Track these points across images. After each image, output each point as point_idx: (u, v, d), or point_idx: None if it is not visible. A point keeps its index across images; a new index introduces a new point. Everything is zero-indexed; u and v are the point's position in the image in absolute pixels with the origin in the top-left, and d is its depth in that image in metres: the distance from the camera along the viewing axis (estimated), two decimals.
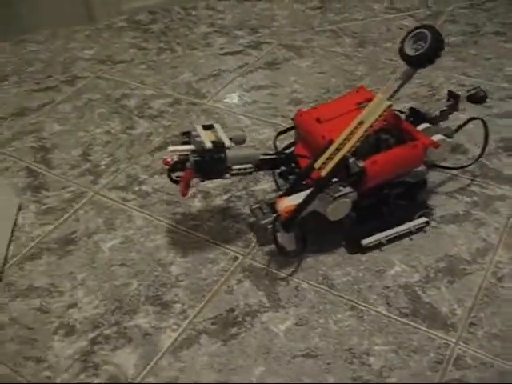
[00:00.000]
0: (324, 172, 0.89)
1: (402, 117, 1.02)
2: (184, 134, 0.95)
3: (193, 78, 1.50)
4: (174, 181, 0.95)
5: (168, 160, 0.92)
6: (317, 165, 0.90)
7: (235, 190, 1.13)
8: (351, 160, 0.89)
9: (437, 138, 0.97)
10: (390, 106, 0.90)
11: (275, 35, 1.67)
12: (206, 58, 1.59)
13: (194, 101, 1.41)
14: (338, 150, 0.89)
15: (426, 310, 0.88)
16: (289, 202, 0.89)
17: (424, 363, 0.81)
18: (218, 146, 0.90)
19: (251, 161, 0.94)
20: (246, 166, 0.93)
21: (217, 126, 0.95)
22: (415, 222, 0.99)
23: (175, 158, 0.92)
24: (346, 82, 1.43)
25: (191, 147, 0.91)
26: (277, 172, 1.06)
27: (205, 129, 0.93)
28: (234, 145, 0.92)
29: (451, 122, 1.08)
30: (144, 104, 1.41)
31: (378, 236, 0.97)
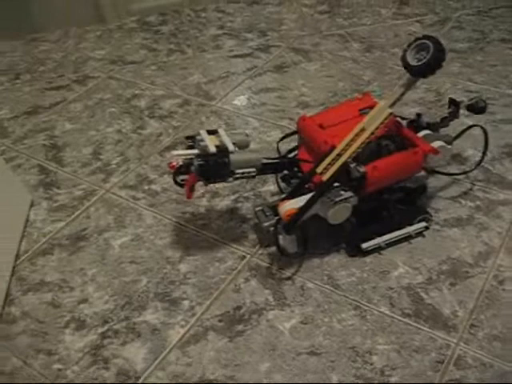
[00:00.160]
0: (325, 177, 0.90)
1: (403, 123, 1.04)
2: (189, 138, 0.97)
3: (202, 80, 1.52)
4: (179, 184, 0.96)
5: (173, 164, 0.93)
6: (319, 169, 0.91)
7: (243, 191, 1.15)
8: (352, 165, 0.91)
9: (437, 144, 0.98)
10: (391, 113, 0.92)
11: (284, 39, 1.68)
12: (215, 60, 1.61)
13: (203, 102, 1.43)
14: (339, 155, 0.91)
15: (428, 311, 0.90)
16: (290, 205, 0.90)
17: (425, 363, 0.83)
18: (222, 150, 0.92)
19: (254, 165, 0.95)
20: (249, 169, 0.94)
21: (221, 131, 0.96)
22: (415, 227, 1.01)
23: (180, 162, 0.93)
24: (354, 86, 1.44)
25: (195, 151, 0.93)
26: (279, 176, 1.07)
27: (209, 133, 0.95)
28: (237, 149, 0.94)
29: (457, 128, 1.10)
30: (154, 104, 1.43)
31: (378, 240, 0.99)
